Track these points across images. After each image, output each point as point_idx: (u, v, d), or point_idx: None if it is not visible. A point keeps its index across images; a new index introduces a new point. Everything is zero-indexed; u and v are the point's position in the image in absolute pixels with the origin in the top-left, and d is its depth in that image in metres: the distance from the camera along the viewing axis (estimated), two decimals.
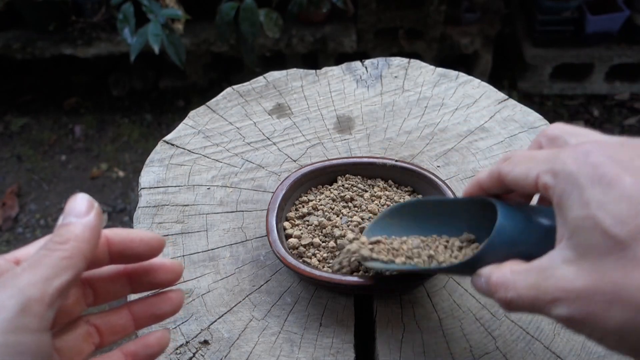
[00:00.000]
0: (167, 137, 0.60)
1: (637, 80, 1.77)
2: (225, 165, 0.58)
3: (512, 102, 0.63)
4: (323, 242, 0.48)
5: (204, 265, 0.50)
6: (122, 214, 1.57)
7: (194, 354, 0.44)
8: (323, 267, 0.46)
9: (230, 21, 1.28)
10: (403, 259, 0.40)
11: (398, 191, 0.53)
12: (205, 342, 0.44)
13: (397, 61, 0.68)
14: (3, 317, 0.24)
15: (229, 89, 0.65)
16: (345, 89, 0.66)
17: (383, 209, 0.50)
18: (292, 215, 0.51)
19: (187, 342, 0.45)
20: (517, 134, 0.59)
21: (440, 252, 0.40)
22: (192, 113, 0.63)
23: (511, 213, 0.34)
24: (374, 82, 0.66)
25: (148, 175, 0.56)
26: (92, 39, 1.69)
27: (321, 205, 0.51)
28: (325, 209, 0.50)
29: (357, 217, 0.49)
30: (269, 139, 0.60)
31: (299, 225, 0.50)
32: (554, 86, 1.80)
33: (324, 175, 0.53)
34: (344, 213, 0.50)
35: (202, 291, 0.48)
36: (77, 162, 1.71)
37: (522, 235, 0.34)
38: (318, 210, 0.51)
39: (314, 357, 0.44)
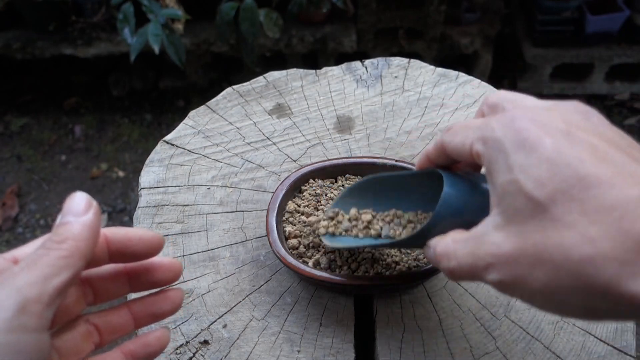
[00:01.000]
0: (167, 137, 0.60)
1: (637, 80, 1.77)
2: (225, 165, 0.58)
3: None
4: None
5: (204, 265, 0.50)
6: (122, 214, 1.57)
7: (194, 354, 0.44)
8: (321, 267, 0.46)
9: (230, 21, 1.28)
10: (358, 232, 0.43)
11: None
12: (205, 342, 0.44)
13: (397, 61, 0.68)
14: (1, 316, 0.24)
15: (229, 89, 0.65)
16: (345, 89, 0.66)
17: None
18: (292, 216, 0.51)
19: (187, 342, 0.45)
20: None
21: (393, 226, 0.42)
22: (192, 113, 0.63)
23: (456, 182, 0.35)
24: (374, 82, 0.66)
25: (148, 175, 0.56)
26: (92, 39, 1.69)
27: (321, 205, 0.51)
28: (325, 209, 0.50)
29: None
30: (269, 139, 0.60)
31: (299, 225, 0.50)
32: (554, 86, 1.80)
33: (324, 176, 0.53)
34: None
35: (202, 291, 0.48)
36: (77, 162, 1.71)
37: (467, 204, 0.34)
38: (318, 210, 0.51)
39: (314, 357, 0.44)
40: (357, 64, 0.69)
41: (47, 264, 0.26)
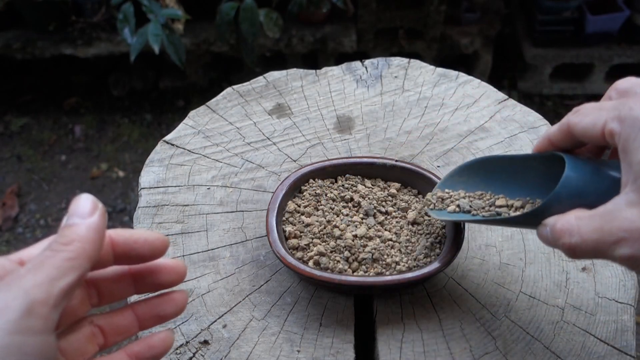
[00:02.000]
0: (167, 137, 0.60)
1: None
2: (225, 165, 0.58)
3: (512, 102, 0.63)
4: (323, 242, 0.48)
5: (204, 265, 0.50)
6: (122, 214, 1.57)
7: (194, 354, 0.44)
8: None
9: (230, 21, 1.28)
10: (470, 209, 0.43)
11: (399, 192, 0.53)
12: (205, 342, 0.44)
13: (397, 61, 0.68)
14: (8, 318, 0.24)
15: (229, 89, 0.65)
16: (345, 89, 0.66)
17: None
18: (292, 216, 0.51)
19: (187, 342, 0.45)
20: (517, 134, 0.59)
21: (502, 207, 0.42)
22: (192, 113, 0.63)
23: (579, 165, 0.35)
24: (374, 82, 0.66)
25: (148, 175, 0.56)
26: (92, 39, 1.69)
27: (321, 205, 0.51)
28: (325, 209, 0.50)
29: (357, 217, 0.49)
30: (269, 139, 0.60)
31: (299, 225, 0.50)
32: (554, 86, 1.80)
33: (324, 176, 0.53)
34: (344, 213, 0.50)
35: (202, 291, 0.48)
36: (77, 162, 1.71)
37: (589, 187, 0.34)
38: (318, 210, 0.51)
39: (314, 357, 0.44)
40: (357, 64, 0.69)
41: (53, 265, 0.26)
